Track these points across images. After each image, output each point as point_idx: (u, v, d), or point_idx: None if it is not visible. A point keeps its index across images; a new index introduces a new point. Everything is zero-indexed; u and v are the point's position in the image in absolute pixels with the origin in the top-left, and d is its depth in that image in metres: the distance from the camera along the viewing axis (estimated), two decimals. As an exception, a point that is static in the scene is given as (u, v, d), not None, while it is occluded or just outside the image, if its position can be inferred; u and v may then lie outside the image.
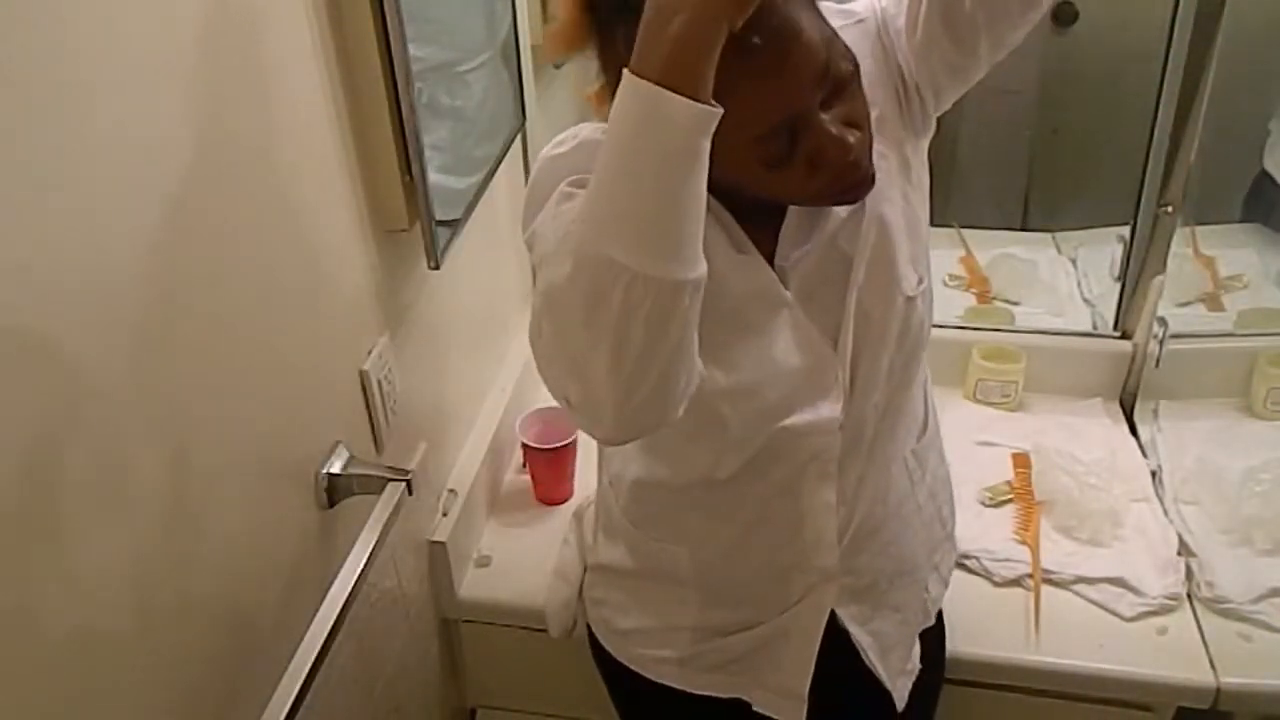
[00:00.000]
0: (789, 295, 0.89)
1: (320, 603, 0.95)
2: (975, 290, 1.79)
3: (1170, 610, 1.29)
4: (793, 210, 0.89)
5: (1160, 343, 1.53)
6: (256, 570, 0.95)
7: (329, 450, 1.05)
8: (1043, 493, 1.45)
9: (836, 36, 0.77)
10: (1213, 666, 1.22)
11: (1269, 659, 1.23)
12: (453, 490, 1.39)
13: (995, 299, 1.78)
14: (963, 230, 1.85)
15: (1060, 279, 1.80)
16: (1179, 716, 1.28)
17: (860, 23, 0.88)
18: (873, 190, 0.84)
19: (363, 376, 1.11)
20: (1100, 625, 1.29)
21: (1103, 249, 1.64)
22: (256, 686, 0.89)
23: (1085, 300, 1.74)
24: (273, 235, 0.92)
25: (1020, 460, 1.52)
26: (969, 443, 1.56)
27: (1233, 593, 1.29)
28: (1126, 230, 1.55)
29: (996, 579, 1.35)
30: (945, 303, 1.64)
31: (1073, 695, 1.28)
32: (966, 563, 1.36)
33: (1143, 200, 1.51)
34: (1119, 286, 1.60)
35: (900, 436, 0.99)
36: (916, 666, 1.10)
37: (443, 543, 1.33)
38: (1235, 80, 1.41)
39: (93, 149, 0.69)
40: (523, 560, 1.42)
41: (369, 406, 1.13)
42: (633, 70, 0.66)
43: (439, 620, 1.42)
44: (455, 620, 1.43)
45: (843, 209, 0.88)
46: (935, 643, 1.17)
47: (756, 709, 1.06)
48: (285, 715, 0.85)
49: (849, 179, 0.80)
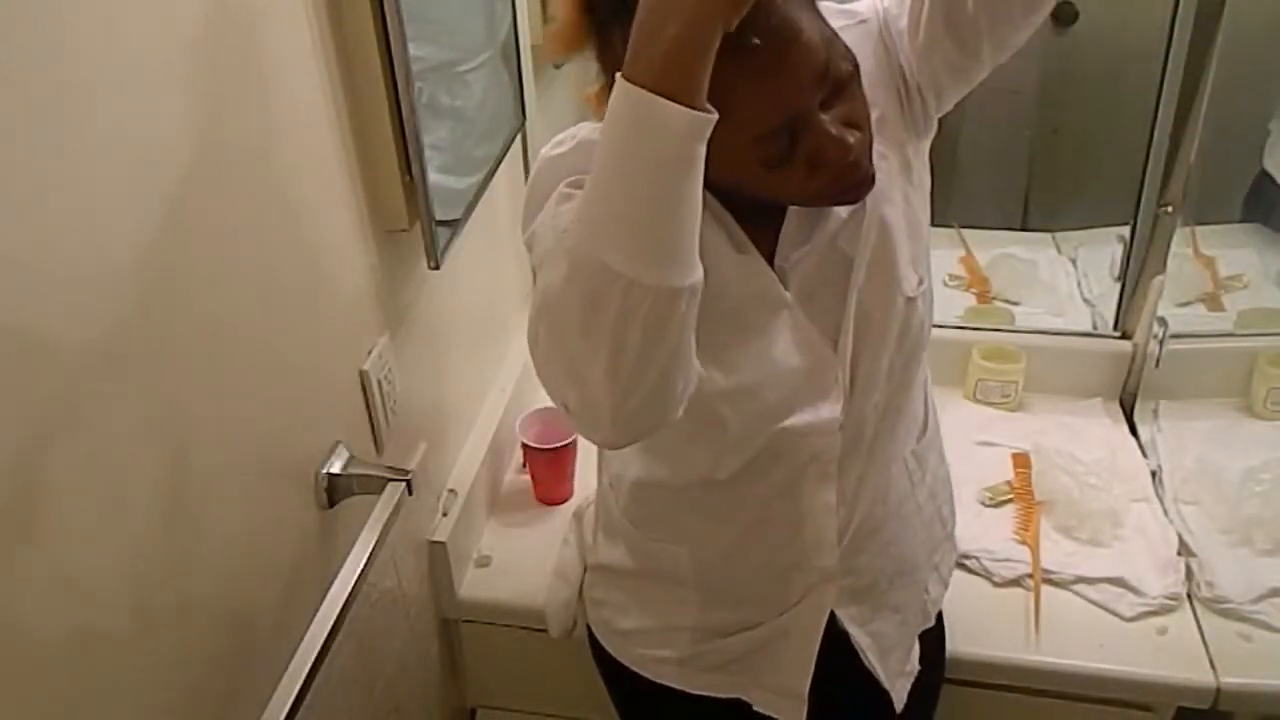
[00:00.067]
0: (789, 296, 0.89)
1: (320, 603, 0.95)
2: (975, 290, 1.79)
3: (1170, 610, 1.29)
4: (793, 211, 0.89)
5: (1160, 343, 1.53)
6: (256, 570, 0.95)
7: (329, 450, 1.05)
8: (1043, 493, 1.45)
9: (836, 37, 0.77)
10: (1213, 666, 1.22)
11: (1269, 659, 1.23)
12: (453, 490, 1.39)
13: (995, 299, 1.78)
14: (963, 230, 1.85)
15: (1060, 279, 1.80)
16: (1179, 716, 1.28)
17: (862, 23, 0.88)
18: (874, 191, 0.83)
19: (363, 376, 1.11)
20: (1100, 625, 1.29)
21: (1103, 249, 1.64)
22: (256, 686, 0.89)
23: (1085, 300, 1.73)
24: (273, 235, 0.92)
25: (1020, 460, 1.52)
26: (969, 443, 1.56)
27: (1233, 593, 1.29)
28: (1126, 230, 1.55)
29: (996, 579, 1.35)
30: (945, 303, 1.64)
31: (1073, 695, 1.28)
32: (966, 563, 1.36)
33: (1143, 200, 1.51)
34: (1119, 286, 1.60)
35: (900, 437, 0.99)
36: (916, 668, 1.10)
37: (443, 543, 1.33)
38: (1235, 80, 1.41)
39: (92, 149, 0.69)
40: (523, 560, 1.42)
41: (369, 406, 1.13)
42: (626, 76, 0.64)
43: (439, 620, 1.42)
44: (455, 620, 1.43)
45: (843, 209, 0.88)
46: (935, 644, 1.17)
47: (756, 709, 1.06)
48: (285, 715, 0.85)
49: (849, 179, 0.80)
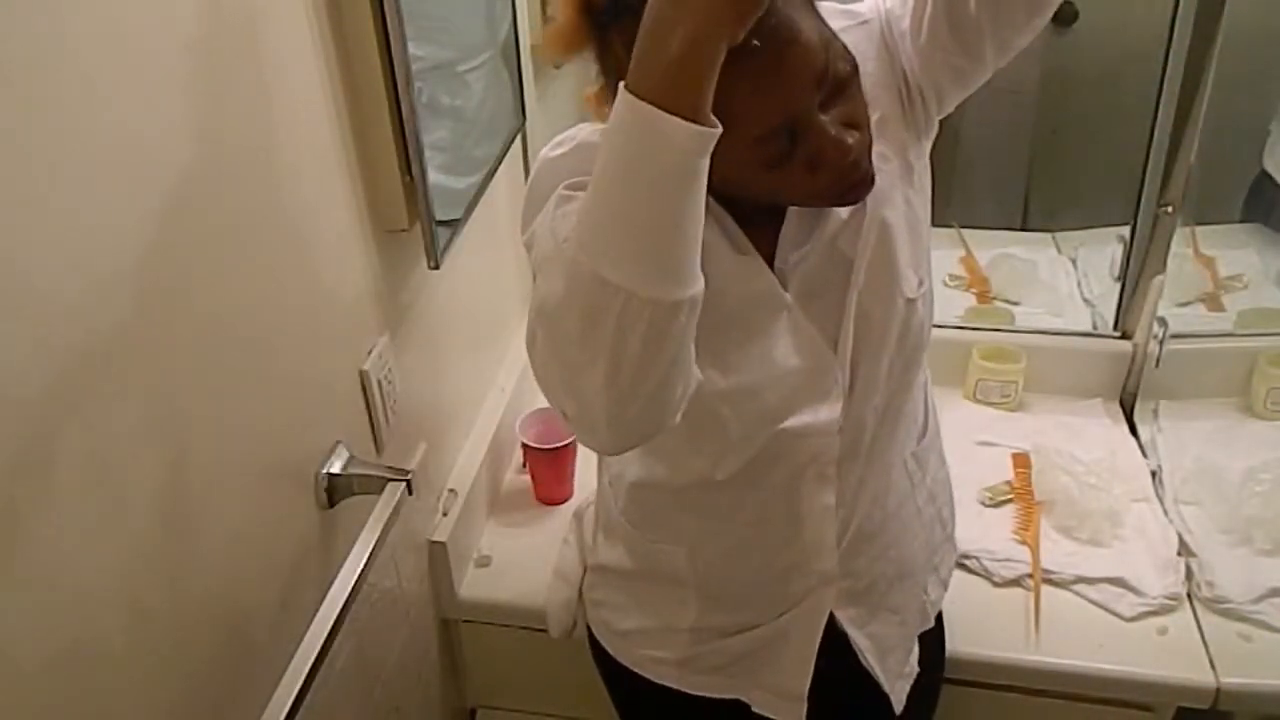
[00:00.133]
0: (788, 297, 0.89)
1: (320, 602, 0.95)
2: (975, 290, 1.79)
3: (1170, 610, 1.29)
4: (792, 212, 0.88)
5: (1160, 343, 1.53)
6: (256, 570, 0.95)
7: (329, 450, 1.05)
8: (1043, 493, 1.45)
9: (835, 37, 0.76)
10: (1213, 666, 1.22)
11: (1269, 659, 1.23)
12: (453, 490, 1.39)
13: (995, 299, 1.78)
14: (963, 230, 1.85)
15: (1060, 279, 1.79)
16: (1179, 716, 1.28)
17: (864, 24, 0.87)
18: (874, 192, 0.83)
19: (363, 376, 1.11)
20: (1100, 625, 1.29)
21: (1103, 249, 1.64)
22: (256, 686, 0.89)
23: (1085, 300, 1.73)
24: (272, 235, 0.92)
25: (1020, 460, 1.52)
26: (969, 443, 1.56)
27: (1233, 593, 1.29)
28: (1126, 230, 1.55)
29: (996, 579, 1.35)
30: (945, 303, 1.64)
31: (1073, 695, 1.28)
32: (966, 563, 1.36)
33: (1143, 200, 1.51)
34: (1119, 286, 1.60)
35: (900, 439, 0.99)
36: (915, 670, 1.10)
37: (443, 543, 1.33)
38: (1235, 80, 1.41)
39: (92, 150, 0.69)
40: (523, 560, 1.42)
41: (369, 406, 1.13)
42: (629, 87, 0.64)
43: (439, 620, 1.42)
44: (455, 620, 1.43)
45: (843, 211, 0.88)
46: (935, 645, 1.17)
47: (756, 710, 1.06)
48: (285, 715, 0.85)
49: (849, 180, 0.80)
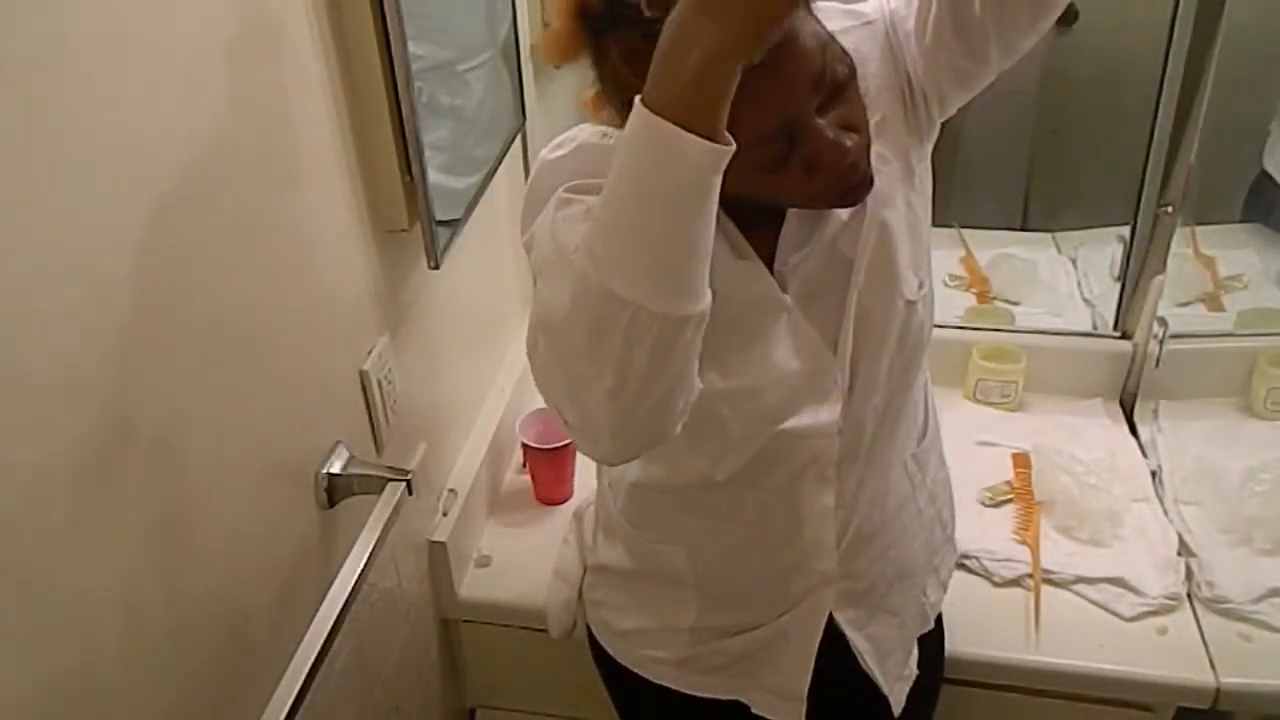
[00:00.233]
0: (788, 299, 0.89)
1: (320, 603, 0.95)
2: (975, 290, 1.79)
3: (1170, 610, 1.29)
4: (792, 214, 0.88)
5: (1160, 343, 1.53)
6: (256, 570, 0.95)
7: (329, 450, 1.05)
8: (1043, 493, 1.45)
9: (833, 40, 0.76)
10: (1213, 666, 1.22)
11: (1269, 659, 1.23)
12: (453, 490, 1.39)
13: (995, 299, 1.78)
14: (963, 230, 1.85)
15: (1060, 279, 1.80)
16: (1179, 716, 1.28)
17: (868, 24, 0.87)
18: (875, 194, 0.83)
19: (363, 376, 1.11)
20: (1100, 625, 1.29)
21: (1103, 249, 1.64)
22: (256, 686, 0.89)
23: (1085, 300, 1.73)
24: (272, 235, 0.92)
25: (1020, 460, 1.52)
26: (969, 443, 1.56)
27: (1233, 593, 1.29)
28: (1126, 230, 1.55)
29: (996, 579, 1.35)
30: (945, 303, 1.64)
31: (1072, 695, 1.28)
32: (966, 563, 1.36)
33: (1143, 200, 1.51)
34: (1119, 286, 1.60)
35: (900, 440, 0.99)
36: (914, 672, 1.10)
37: (443, 543, 1.33)
38: (1235, 80, 1.41)
39: (92, 150, 0.69)
40: (523, 560, 1.42)
41: (369, 406, 1.13)
42: (645, 102, 0.63)
43: (439, 620, 1.42)
44: (455, 620, 1.43)
45: (844, 212, 0.88)
46: (934, 647, 1.17)
47: (755, 711, 1.06)
48: (285, 715, 0.85)
49: (847, 182, 0.79)
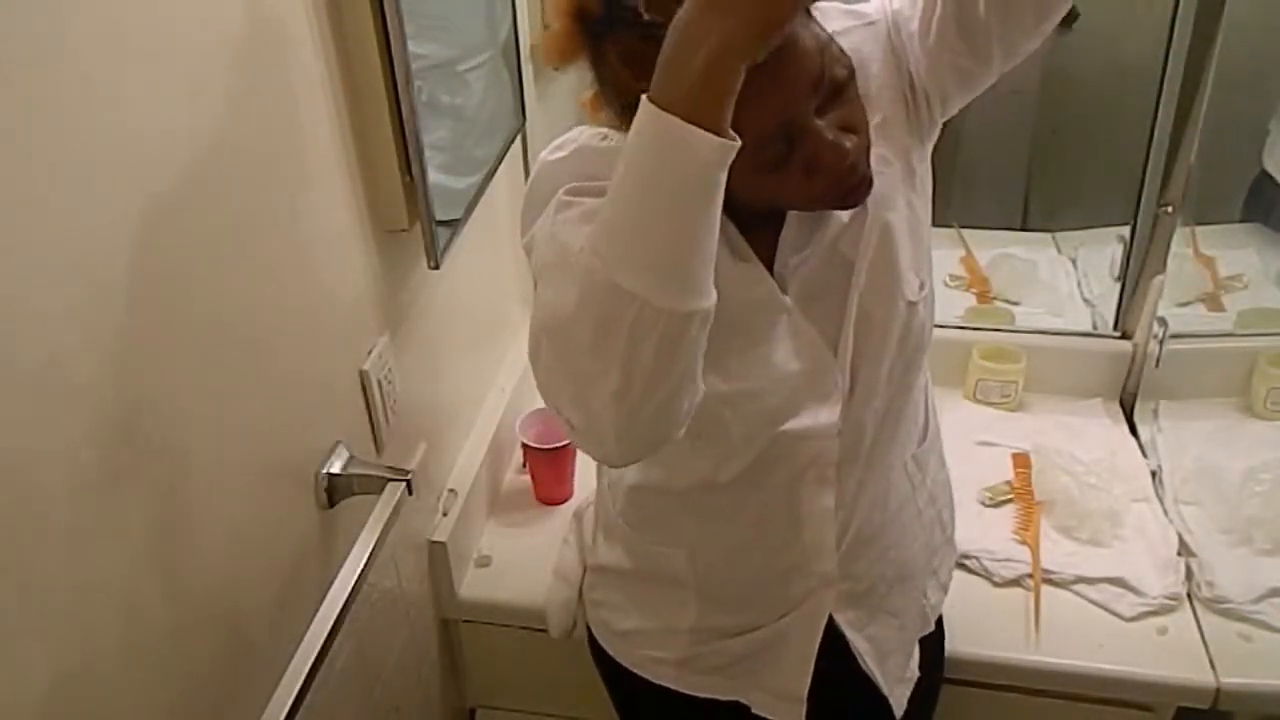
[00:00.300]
0: (788, 301, 0.89)
1: (320, 603, 0.95)
2: (975, 290, 1.79)
3: (1170, 610, 1.29)
4: (792, 216, 0.88)
5: (1160, 343, 1.53)
6: (256, 570, 0.95)
7: (329, 450, 1.05)
8: (1043, 493, 1.45)
9: (832, 41, 0.76)
10: (1213, 666, 1.22)
11: (1269, 659, 1.23)
12: (453, 490, 1.39)
13: (995, 299, 1.78)
14: (963, 230, 1.85)
15: (1060, 279, 1.80)
16: (1179, 716, 1.28)
17: (870, 25, 0.87)
18: (876, 196, 0.83)
19: (363, 376, 1.11)
20: (1100, 625, 1.29)
21: (1103, 249, 1.64)
22: (256, 686, 0.88)
23: (1085, 300, 1.73)
24: (272, 235, 0.92)
25: (1020, 460, 1.52)
26: (969, 443, 1.56)
27: (1233, 593, 1.29)
28: (1126, 230, 1.55)
29: (996, 579, 1.35)
30: (945, 303, 1.64)
31: (1072, 695, 1.28)
32: (966, 563, 1.35)
33: (1143, 200, 1.51)
34: (1119, 286, 1.60)
35: (900, 441, 0.99)
36: (915, 674, 1.10)
37: (443, 543, 1.33)
38: (1235, 80, 1.41)
39: (92, 150, 0.69)
40: (523, 560, 1.42)
41: (369, 406, 1.13)
42: (652, 99, 0.64)
43: (439, 620, 1.42)
44: (455, 620, 1.43)
45: (844, 213, 0.88)
46: (934, 648, 1.17)
47: (755, 711, 1.06)
48: (285, 715, 0.85)
49: (847, 183, 0.79)
